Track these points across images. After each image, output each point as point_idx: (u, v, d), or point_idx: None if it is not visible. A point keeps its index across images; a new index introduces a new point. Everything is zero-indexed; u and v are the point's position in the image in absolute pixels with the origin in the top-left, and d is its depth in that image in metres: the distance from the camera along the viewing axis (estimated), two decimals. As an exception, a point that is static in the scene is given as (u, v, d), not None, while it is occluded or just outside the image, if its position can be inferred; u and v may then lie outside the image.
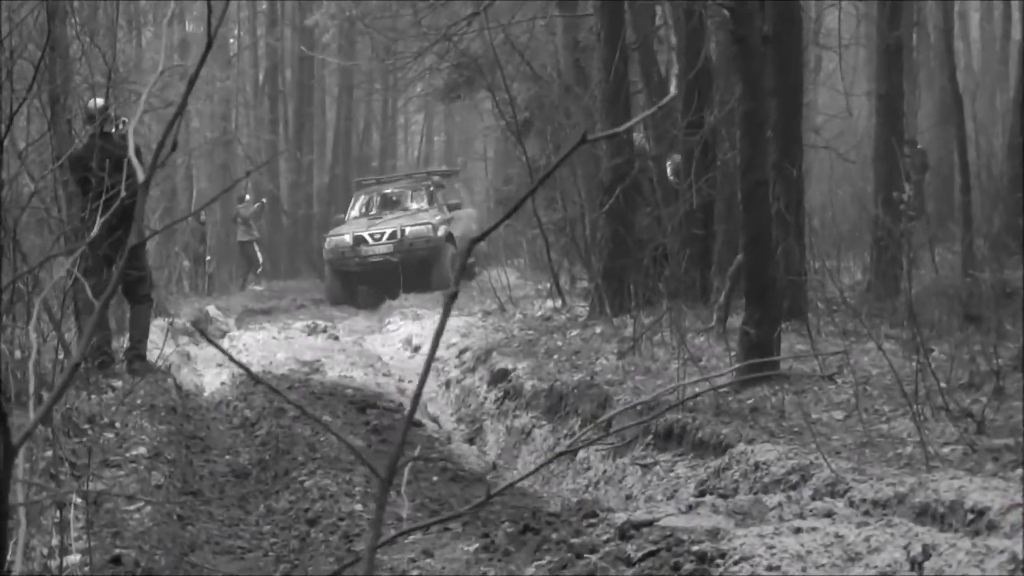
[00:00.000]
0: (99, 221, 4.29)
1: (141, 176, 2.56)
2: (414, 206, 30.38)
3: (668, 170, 17.37)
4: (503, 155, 37.47)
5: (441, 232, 28.50)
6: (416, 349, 19.05)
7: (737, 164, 11.80)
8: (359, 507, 7.90)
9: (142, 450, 8.99)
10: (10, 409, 2.89)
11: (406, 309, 23.54)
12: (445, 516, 2.67)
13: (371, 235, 28.59)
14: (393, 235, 28.44)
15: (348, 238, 28.76)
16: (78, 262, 8.88)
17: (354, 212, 31.14)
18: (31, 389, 3.61)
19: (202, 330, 2.34)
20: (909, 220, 14.62)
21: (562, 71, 21.43)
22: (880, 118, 17.11)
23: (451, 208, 29.89)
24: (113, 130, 12.68)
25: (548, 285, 20.72)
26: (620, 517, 6.33)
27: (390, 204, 31.11)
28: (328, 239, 29.54)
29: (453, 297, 2.37)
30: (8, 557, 2.59)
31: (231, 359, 2.29)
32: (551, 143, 21.69)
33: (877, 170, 16.79)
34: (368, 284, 29.06)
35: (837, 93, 25.86)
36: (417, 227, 28.47)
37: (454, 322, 20.08)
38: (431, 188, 31.00)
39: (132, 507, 7.20)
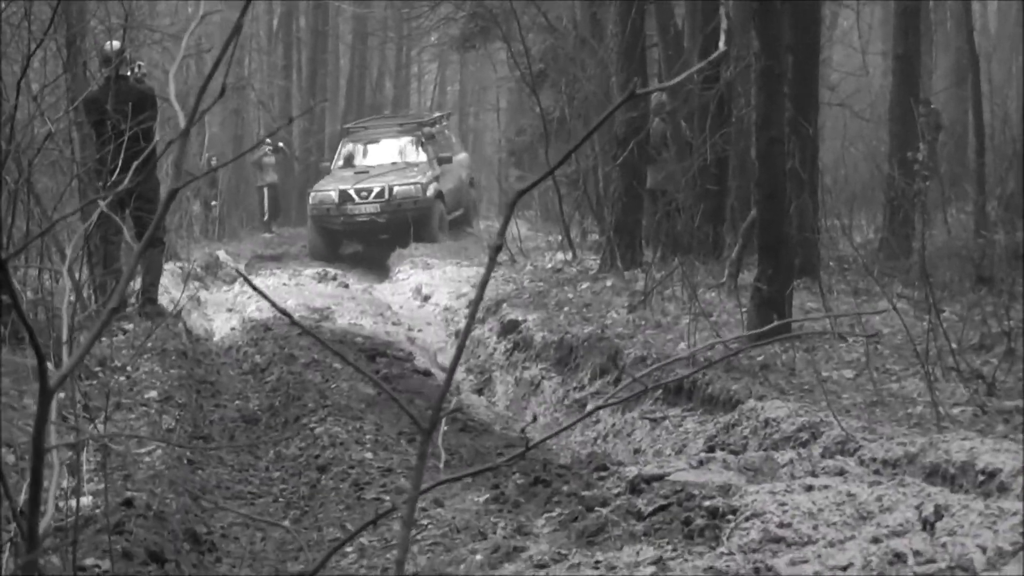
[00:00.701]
0: (131, 167, 4.26)
1: (183, 122, 2.54)
2: (403, 160, 28.60)
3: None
4: (516, 106, 37.32)
5: (431, 191, 27.06)
6: (426, 298, 19.02)
7: (752, 120, 11.75)
8: (369, 455, 7.90)
9: (153, 394, 9.00)
10: (47, 353, 2.85)
11: (416, 258, 23.51)
12: (483, 467, 2.68)
13: (358, 192, 26.99)
14: (380, 194, 26.87)
15: (334, 194, 27.11)
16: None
17: (340, 162, 29.51)
18: (64, 334, 3.60)
19: (244, 275, 2.33)
20: (923, 180, 14.56)
21: (578, 23, 21.37)
22: (896, 78, 17.04)
23: (441, 162, 28.41)
24: (129, 73, 12.63)
25: (559, 237, 20.67)
26: (631, 471, 6.33)
27: (378, 154, 29.29)
28: (313, 193, 27.98)
29: (498, 249, 2.35)
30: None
31: (274, 306, 2.27)
32: (565, 95, 21.62)
33: (892, 130, 16.74)
34: (353, 241, 28.26)
35: (853, 51, 25.76)
36: (406, 186, 26.90)
37: (464, 272, 20.08)
38: (422, 140, 29.24)
39: (143, 450, 7.20)
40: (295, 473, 8.08)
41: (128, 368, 9.62)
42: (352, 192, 26.96)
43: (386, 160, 28.63)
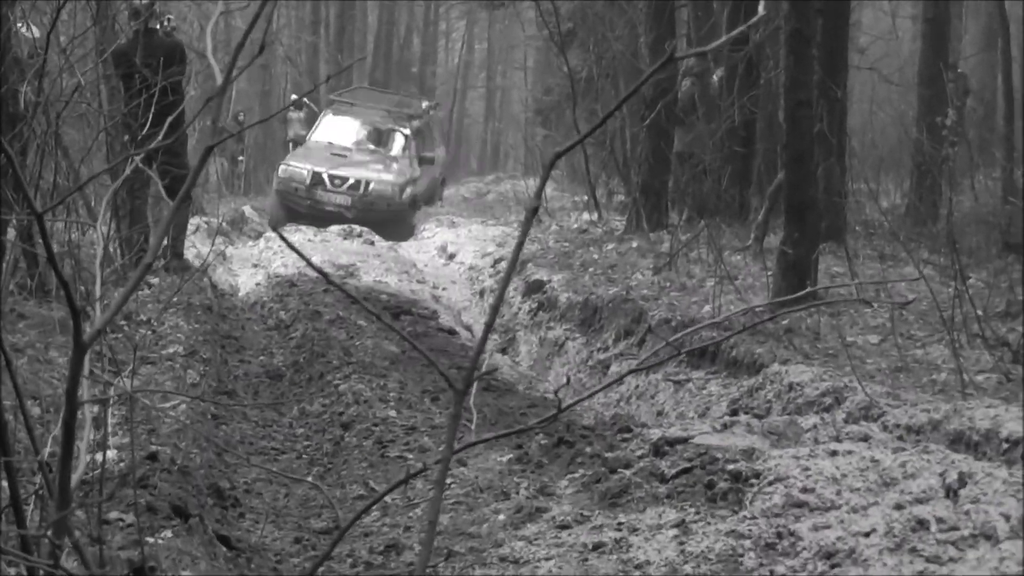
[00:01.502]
0: (160, 121, 4.26)
1: (219, 78, 2.53)
2: (385, 151, 26.47)
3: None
4: (543, 66, 37.26)
5: (406, 195, 24.94)
6: (451, 257, 19.04)
7: (781, 83, 11.70)
8: (393, 413, 7.90)
9: (178, 348, 8.99)
10: (83, 306, 2.85)
11: (442, 216, 23.49)
12: (516, 429, 2.67)
13: (331, 178, 24.51)
14: (355, 186, 24.47)
15: (306, 173, 24.52)
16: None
17: (316, 136, 26.97)
18: (97, 290, 3.60)
19: (281, 234, 2.31)
20: (951, 146, 14.49)
21: (607, -19, 21.25)
22: (926, 42, 16.94)
23: (423, 162, 26.71)
24: (158, 26, 12.61)
25: (585, 198, 20.66)
26: (654, 433, 6.32)
27: (359, 138, 27.09)
28: (283, 167, 25.32)
29: (535, 212, 2.33)
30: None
31: (307, 261, 2.26)
32: (593, 55, 21.55)
33: (921, 94, 16.64)
34: (315, 226, 24.18)
35: (882, 14, 25.64)
36: (383, 185, 24.59)
37: (489, 231, 20.09)
38: (408, 133, 27.08)
39: (168, 404, 7.21)
40: (319, 430, 8.10)
41: (154, 322, 9.63)
42: (326, 177, 24.57)
43: (367, 144, 26.83)
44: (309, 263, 2.40)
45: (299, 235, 20.10)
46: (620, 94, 18.58)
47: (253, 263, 16.95)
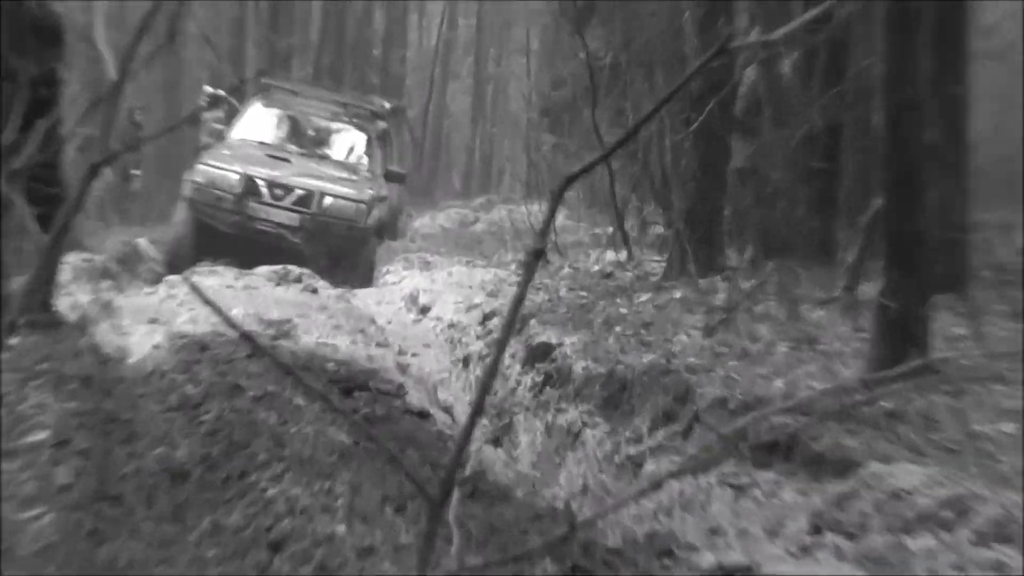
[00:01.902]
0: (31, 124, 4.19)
1: (112, 70, 2.46)
2: (345, 159, 26.03)
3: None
4: (552, 49, 37.37)
5: (372, 218, 24.16)
6: (424, 310, 19.04)
7: (878, 76, 11.68)
8: (342, 529, 7.83)
9: (44, 435, 8.93)
10: None
11: (411, 255, 23.48)
12: (516, 554, 2.58)
13: (270, 187, 23.34)
14: (304, 200, 23.38)
15: (235, 179, 23.27)
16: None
17: (240, 131, 26.28)
18: None
19: (194, 286, 2.19)
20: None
21: (640, -64, 21.32)
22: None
23: (391, 178, 26.45)
24: (24, -7, 12.61)
25: (610, 230, 20.66)
26: (707, 559, 6.23)
27: (304, 139, 26.50)
28: (201, 168, 23.85)
29: (538, 255, 2.27)
30: None
31: (228, 321, 2.17)
32: (620, 36, 21.58)
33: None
34: (238, 256, 22.22)
35: (1016, -18, 25.72)
36: (344, 201, 23.62)
37: (477, 275, 20.10)
38: (375, 135, 26.85)
39: (29, 514, 7.15)
40: (238, 552, 8.01)
41: (12, 398, 9.57)
42: (263, 185, 23.39)
43: (316, 150, 26.24)
44: (228, 320, 2.32)
45: (215, 279, 20.06)
46: (657, 88, 18.63)
47: (150, 317, 16.88)
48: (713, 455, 7.94)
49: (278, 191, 23.27)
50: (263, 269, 20.77)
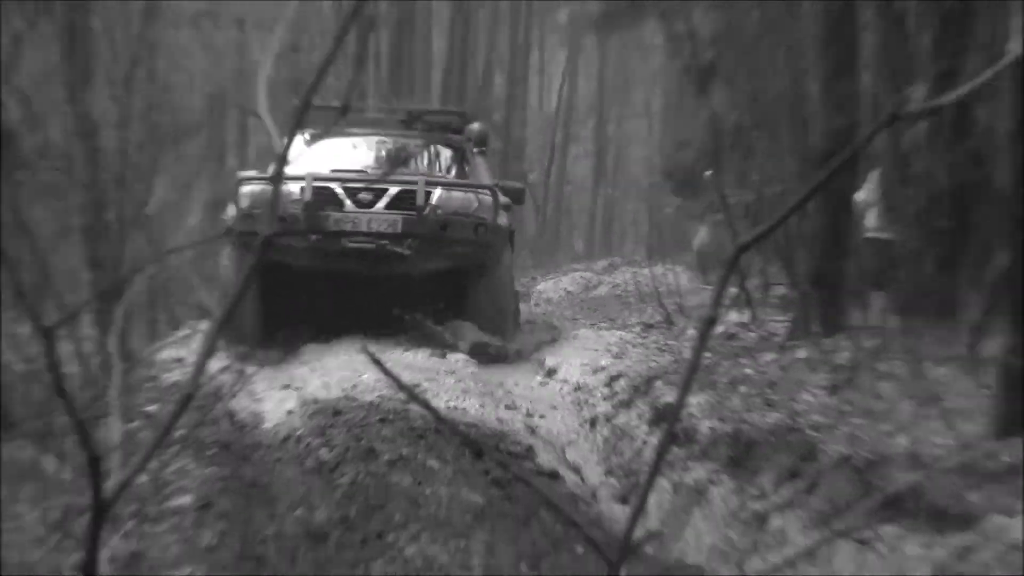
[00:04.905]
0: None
1: (276, 141, 2.71)
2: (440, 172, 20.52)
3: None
4: (676, 110, 37.36)
5: (504, 220, 18.90)
6: (551, 373, 19.09)
7: (1004, 132, 11.73)
8: (479, 584, 8.06)
9: (187, 499, 9.18)
10: (102, 451, 2.87)
11: (537, 318, 23.56)
12: None
13: (350, 191, 18.17)
14: (406, 197, 18.06)
15: (296, 190, 17.89)
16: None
17: (296, 164, 18.48)
18: (116, 430, 3.78)
19: (374, 356, 2.28)
20: None
21: (765, -6, 21.38)
22: None
23: (509, 194, 20.11)
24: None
25: (734, 291, 20.71)
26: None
27: (378, 160, 20.53)
28: (245, 190, 18.24)
29: (711, 323, 2.35)
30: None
31: (397, 381, 2.45)
32: (746, 95, 21.57)
33: None
34: (321, 301, 18.68)
35: None
36: (460, 192, 18.50)
37: (605, 337, 20.14)
38: (468, 151, 21.17)
39: (178, 574, 7.41)
40: (377, 608, 8.25)
41: (154, 465, 9.85)
42: (339, 189, 18.18)
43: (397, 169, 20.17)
44: (398, 381, 2.60)
45: (343, 344, 20.21)
46: (780, 149, 18.71)
47: (283, 384, 17.11)
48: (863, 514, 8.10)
49: (365, 194, 18.04)
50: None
